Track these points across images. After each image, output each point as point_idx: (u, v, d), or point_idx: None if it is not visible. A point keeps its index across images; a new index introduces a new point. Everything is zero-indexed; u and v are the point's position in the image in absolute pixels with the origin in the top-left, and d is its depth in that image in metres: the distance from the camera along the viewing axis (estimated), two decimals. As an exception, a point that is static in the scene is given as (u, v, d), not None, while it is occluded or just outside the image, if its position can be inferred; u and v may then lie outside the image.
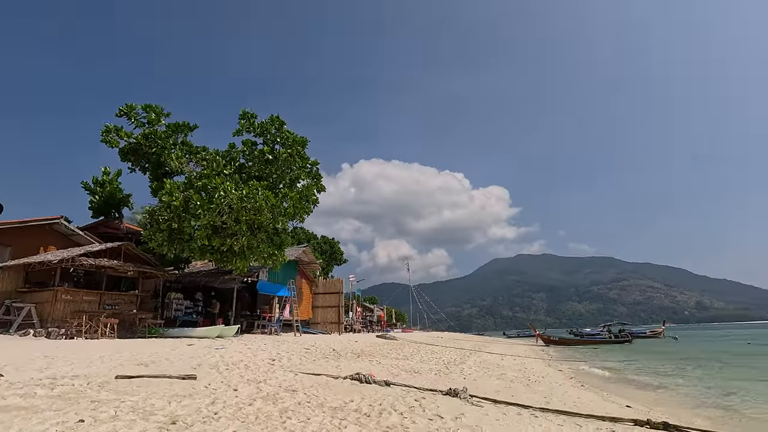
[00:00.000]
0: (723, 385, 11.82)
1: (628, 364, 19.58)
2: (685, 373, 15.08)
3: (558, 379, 12.24)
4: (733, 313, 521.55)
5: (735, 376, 13.94)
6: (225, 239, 14.26)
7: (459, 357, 16.50)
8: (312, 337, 19.34)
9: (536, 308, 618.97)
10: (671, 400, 9.74)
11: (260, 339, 15.33)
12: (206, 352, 9.88)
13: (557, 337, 41.96)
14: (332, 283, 25.41)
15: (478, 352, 21.61)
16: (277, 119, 16.29)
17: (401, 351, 15.87)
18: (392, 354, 14.28)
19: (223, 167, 14.78)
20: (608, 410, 7.60)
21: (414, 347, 18.75)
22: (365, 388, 7.04)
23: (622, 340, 40.14)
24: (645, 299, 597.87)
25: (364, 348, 15.51)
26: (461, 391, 7.11)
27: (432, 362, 13.10)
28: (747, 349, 26.57)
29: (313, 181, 17.70)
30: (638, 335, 48.80)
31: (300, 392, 6.17)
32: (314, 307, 25.07)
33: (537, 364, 17.69)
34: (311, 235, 40.23)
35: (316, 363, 9.85)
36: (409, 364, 11.76)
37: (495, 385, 9.44)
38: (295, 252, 21.85)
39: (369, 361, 11.48)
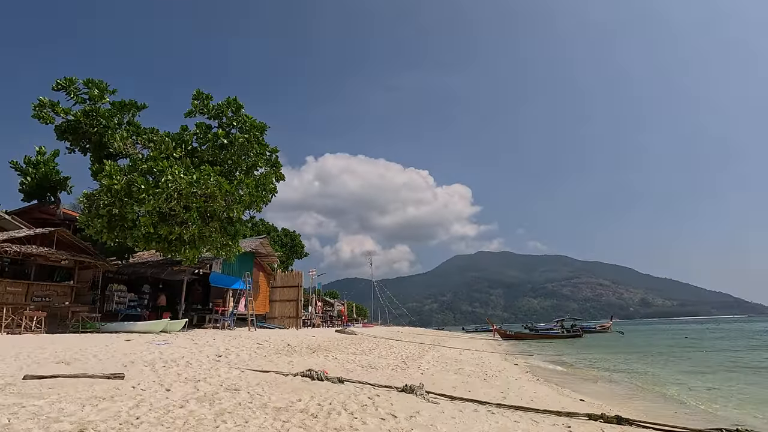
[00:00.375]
0: (668, 377, 12.30)
1: (580, 358, 20.23)
2: (633, 366, 15.69)
3: (514, 374, 12.30)
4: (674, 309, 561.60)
5: (677, 368, 14.62)
6: (173, 227, 13.28)
7: (417, 352, 16.34)
8: (267, 332, 18.58)
9: (494, 304, 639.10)
10: (621, 393, 9.96)
11: (210, 334, 14.48)
12: (145, 348, 9.06)
13: (513, 332, 43.17)
14: (291, 277, 24.62)
15: (437, 346, 21.63)
16: (234, 102, 15.35)
17: (359, 346, 15.50)
18: (350, 349, 13.88)
19: (172, 150, 13.73)
20: (563, 404, 7.57)
21: (373, 342, 18.44)
22: (316, 385, 6.60)
23: (573, 334, 41.85)
24: (595, 296, 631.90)
25: (321, 343, 15.02)
26: (417, 387, 6.82)
27: (390, 357, 12.81)
28: (686, 343, 28.31)
29: (271, 169, 16.90)
30: (588, 330, 51.13)
31: (243, 391, 5.64)
32: (271, 301, 24.20)
33: (494, 359, 17.87)
34: (271, 227, 39.01)
35: (267, 359, 9.27)
36: (366, 359, 11.40)
37: (453, 380, 9.25)
38: (252, 243, 20.91)
39: (324, 356, 11.02)
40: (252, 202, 15.33)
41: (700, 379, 12.00)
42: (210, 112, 14.95)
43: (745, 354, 20.07)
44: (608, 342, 34.71)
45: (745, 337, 33.53)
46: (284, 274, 24.85)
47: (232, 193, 13.79)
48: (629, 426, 5.96)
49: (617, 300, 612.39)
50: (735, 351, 21.72)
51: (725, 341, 29.81)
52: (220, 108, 15.13)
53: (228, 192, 13.66)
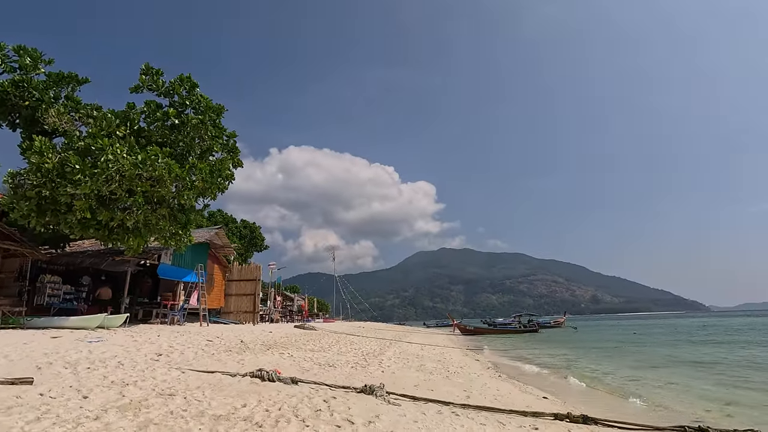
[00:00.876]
0: (625, 372, 12.54)
1: (539, 352, 20.58)
2: (590, 360, 16.02)
3: (476, 370, 12.13)
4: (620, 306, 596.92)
5: (632, 363, 15.04)
6: (114, 213, 12.05)
7: (378, 348, 15.93)
8: (221, 327, 17.55)
9: (454, 299, 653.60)
10: (581, 389, 9.96)
11: (156, 330, 13.37)
12: (73, 346, 8.03)
13: (473, 327, 43.85)
14: (248, 270, 23.51)
15: (399, 342, 21.34)
16: (188, 80, 14.17)
17: (318, 342, 14.88)
18: (308, 346, 13.23)
19: (115, 128, 12.44)
20: (528, 403, 7.36)
21: (333, 338, 17.85)
22: (267, 387, 5.97)
23: (530, 329, 43.06)
24: (549, 292, 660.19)
25: (278, 339, 14.27)
26: (378, 387, 6.34)
27: (350, 354, 12.29)
28: (635, 338, 29.65)
29: (229, 155, 15.84)
30: (544, 325, 52.89)
31: (179, 396, 4.93)
32: (227, 295, 23.02)
33: (455, 354, 17.78)
34: (230, 218, 37.31)
35: (215, 358, 8.49)
36: (324, 356, 10.82)
37: (414, 377, 8.87)
38: (206, 234, 19.69)
39: (280, 354, 10.34)
40: (206, 189, 14.25)
41: (653, 374, 12.31)
42: (160, 89, 13.69)
43: (688, 348, 21.13)
44: (563, 337, 35.91)
45: (685, 333, 35.64)
46: (241, 267, 23.69)
47: (184, 177, 12.71)
48: (596, 425, 5.77)
49: (570, 297, 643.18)
50: (679, 346, 22.87)
51: (669, 336, 31.49)
52: (172, 86, 13.91)
53: (178, 176, 12.57)
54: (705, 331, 36.25)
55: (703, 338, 27.71)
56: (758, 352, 18.54)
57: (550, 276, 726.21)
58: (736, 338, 27.30)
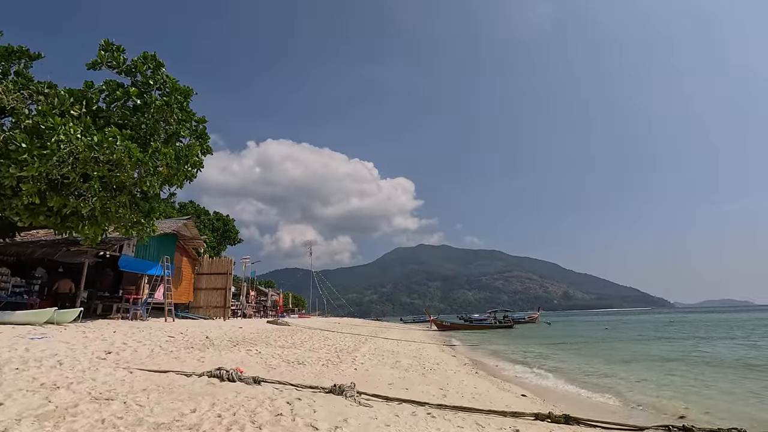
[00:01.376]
0: (600, 367, 12.48)
1: (514, 348, 20.55)
2: (566, 356, 16.00)
3: (453, 366, 11.81)
4: (591, 302, 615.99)
5: (606, 359, 15.07)
6: (67, 199, 11.10)
7: (353, 344, 15.45)
8: (188, 323, 16.68)
9: (432, 295, 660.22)
10: (559, 386, 9.75)
11: (114, 326, 12.48)
12: (9, 343, 7.22)
13: (449, 323, 43.92)
14: (219, 263, 22.56)
15: (374, 338, 20.93)
16: (152, 58, 13.19)
17: (290, 338, 14.28)
18: (279, 342, 12.62)
19: (69, 106, 11.43)
20: (506, 402, 7.02)
21: (307, 334, 17.26)
22: (225, 388, 5.40)
23: (505, 325, 43.45)
24: (524, 289, 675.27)
25: (248, 335, 13.59)
26: (348, 387, 5.86)
27: (323, 350, 11.76)
28: (606, 334, 30.19)
29: (197, 141, 14.96)
30: (518, 321, 53.58)
31: (118, 401, 4.31)
32: (197, 289, 22.03)
33: (432, 350, 17.49)
34: (202, 210, 35.98)
35: (173, 355, 7.82)
36: (295, 353, 10.25)
37: (389, 375, 8.42)
38: (174, 224, 18.69)
39: (247, 351, 9.72)
40: (172, 176, 13.39)
41: (627, 370, 12.28)
42: (120, 67, 12.68)
43: (657, 344, 21.54)
44: (538, 332, 36.30)
45: (653, 329, 36.60)
46: (212, 260, 22.72)
47: (146, 162, 11.81)
48: (578, 425, 5.46)
49: (543, 293, 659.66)
50: (648, 342, 23.30)
51: (638, 332, 32.22)
52: (134, 64, 12.92)
53: (140, 161, 11.68)
54: (671, 327, 37.37)
55: (671, 334, 28.44)
56: (722, 348, 19.00)
57: (525, 273, 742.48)
58: (702, 334, 28.13)
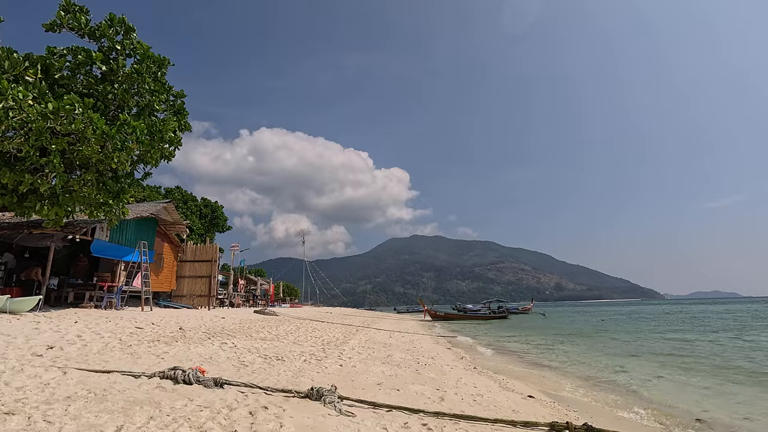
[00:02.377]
0: (606, 361, 11.66)
1: (512, 340, 19.78)
2: (568, 348, 15.21)
3: (449, 360, 10.92)
4: (583, 293, 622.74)
5: (611, 351, 14.30)
6: (22, 175, 9.97)
7: (343, 335, 14.54)
8: (166, 312, 15.67)
9: (425, 286, 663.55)
10: (568, 384, 8.87)
11: (81, 315, 11.44)
12: (-68, 336, 6.17)
13: (443, 313, 43.27)
14: (204, 250, 21.48)
15: (366, 328, 20.06)
16: (121, 21, 11.94)
17: (275, 329, 13.32)
18: (261, 333, 11.65)
19: (22, 70, 10.21)
20: (512, 404, 6.11)
21: (294, 324, 16.32)
22: (176, 393, 4.42)
23: (500, 315, 42.90)
24: (516, 280, 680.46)
25: (228, 326, 12.61)
26: (328, 392, 4.89)
27: (308, 343, 10.81)
28: (605, 326, 29.58)
29: (175, 117, 13.78)
30: (512, 311, 53.17)
31: (22, 415, 3.30)
32: (180, 277, 20.97)
33: (426, 342, 16.64)
34: (189, 196, 34.69)
35: (128, 351, 6.81)
36: (276, 346, 9.29)
37: (378, 373, 7.49)
38: (153, 208, 17.52)
39: (222, 344, 8.73)
40: (145, 153, 12.25)
41: (637, 365, 11.49)
42: (83, 29, 11.40)
43: (659, 336, 20.88)
44: (533, 323, 35.72)
45: (651, 320, 36.14)
46: (196, 246, 21.62)
47: (112, 136, 10.67)
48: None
49: (536, 284, 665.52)
50: (649, 333, 22.66)
51: (636, 324, 31.70)
52: (99, 27, 11.66)
53: (106, 134, 10.53)
54: (669, 318, 36.94)
55: (671, 326, 27.84)
56: (725, 340, 18.37)
57: (518, 264, 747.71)
58: (703, 325, 27.62)
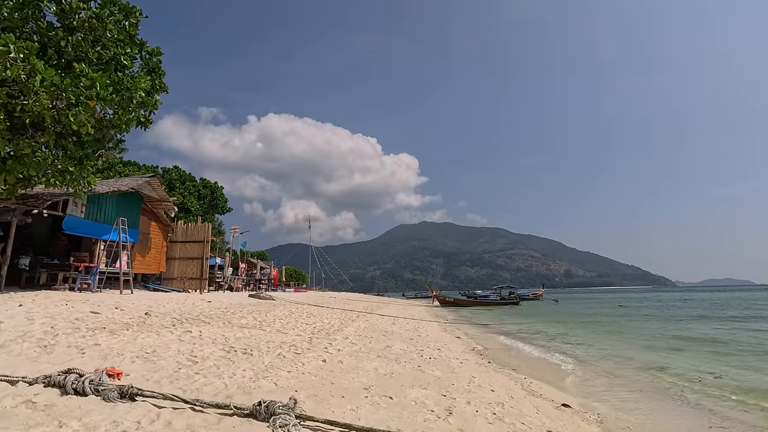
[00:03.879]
0: (645, 357, 9.99)
1: (527, 328, 18.19)
2: (594, 340, 13.55)
3: (458, 353, 9.36)
4: (593, 280, 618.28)
5: (643, 343, 12.64)
6: (-45, 134, 8.48)
7: (341, 321, 13.07)
8: (148, 296, 14.34)
9: (434, 272, 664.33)
10: (606, 385, 7.24)
11: (41, 298, 10.09)
12: None
13: (452, 299, 41.83)
14: (196, 230, 20.08)
15: (369, 314, 18.62)
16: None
17: (263, 315, 11.87)
18: (244, 320, 10.20)
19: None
20: (543, 417, 4.50)
21: (288, 310, 14.90)
22: (52, 410, 2.90)
23: (511, 301, 41.33)
24: (526, 266, 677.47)
25: (209, 311, 11.19)
26: (283, 407, 3.33)
27: (295, 331, 9.33)
28: (624, 313, 27.79)
29: (148, 76, 12.16)
30: (523, 297, 51.57)
31: None
32: (170, 259, 19.64)
33: (432, 329, 15.14)
34: (187, 176, 33.29)
35: (46, 342, 5.33)
36: (251, 336, 7.80)
37: (371, 370, 5.95)
38: (134, 182, 16.04)
39: (185, 332, 7.27)
40: (115, 115, 10.70)
41: (680, 360, 9.82)
42: (30, -35, 9.76)
43: (687, 325, 19.13)
44: (546, 309, 34.10)
45: (672, 307, 34.27)
46: (187, 226, 20.21)
47: (65, 88, 9.09)
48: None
49: (545, 271, 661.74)
50: (676, 322, 20.90)
51: (658, 311, 29.88)
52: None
53: (57, 87, 8.96)
54: (689, 305, 34.99)
55: (695, 313, 25.99)
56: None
57: (527, 251, 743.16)
58: (733, 313, 25.74)
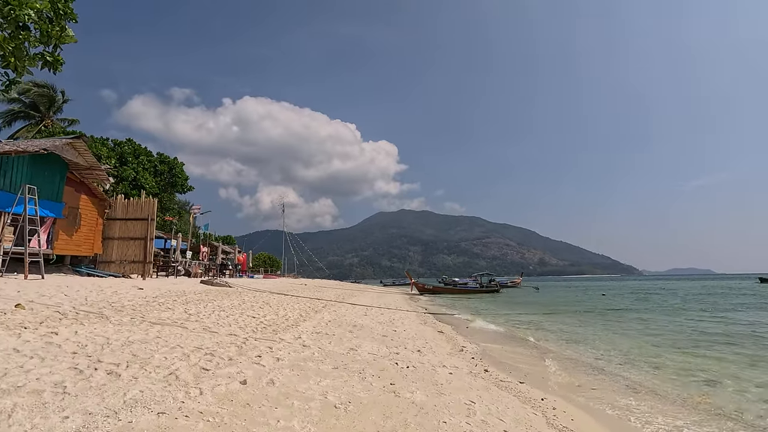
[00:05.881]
0: (683, 361, 8.15)
1: (516, 319, 16.40)
2: (600, 335, 11.75)
3: (443, 355, 7.30)
4: (566, 269, 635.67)
5: (650, 339, 10.93)
6: None
7: (300, 314, 10.85)
8: (64, 281, 11.71)
9: (411, 260, 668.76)
10: (644, 407, 5.28)
11: None
12: None
13: (431, 286, 40.20)
14: (138, 205, 17.28)
15: (339, 303, 16.47)
16: None
17: (203, 306, 9.52)
18: (167, 313, 7.85)
19: None
20: None
21: (239, 299, 12.56)
22: None
23: (492, 289, 40.02)
24: (501, 255, 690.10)
25: (130, 301, 8.75)
26: None
27: (230, 328, 7.05)
28: (612, 302, 26.56)
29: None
30: (503, 285, 50.51)
31: None
32: (107, 239, 16.87)
33: (411, 321, 13.11)
34: (142, 150, 29.80)
35: None
36: (160, 337, 5.50)
37: (315, 400, 3.77)
38: (52, 143, 13.16)
39: (49, 333, 4.90)
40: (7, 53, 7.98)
41: (702, 359, 8.07)
42: None
43: (686, 317, 17.80)
44: (529, 298, 32.78)
45: (656, 296, 33.60)
46: (128, 201, 17.40)
47: None
48: None
49: (520, 259, 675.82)
50: (672, 313, 19.62)
51: (644, 302, 28.93)
52: None
53: None
54: (673, 295, 34.30)
55: (685, 304, 24.92)
56: None
57: (503, 239, 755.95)
58: (720, 303, 24.84)
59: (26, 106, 35.03)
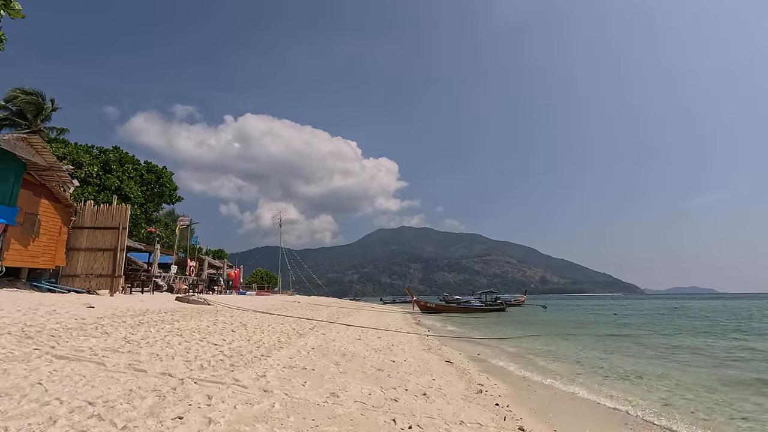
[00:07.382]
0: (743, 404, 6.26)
1: (532, 345, 14.44)
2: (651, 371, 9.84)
3: (457, 402, 5.45)
4: (567, 287, 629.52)
5: (711, 376, 9.05)
6: None
7: (280, 338, 8.99)
8: (8, 298, 9.87)
9: (412, 277, 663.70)
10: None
11: None
12: None
13: (434, 304, 38.10)
14: (109, 213, 15.56)
15: (332, 324, 14.56)
16: None
17: (160, 328, 7.67)
18: (91, 341, 6.03)
19: None
20: None
21: (211, 320, 10.70)
22: None
23: (497, 308, 37.92)
24: (502, 272, 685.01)
25: (64, 323, 6.93)
26: None
27: (170, 362, 5.21)
28: (626, 323, 24.53)
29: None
30: (507, 303, 48.34)
31: None
32: (72, 250, 15.07)
33: (412, 347, 11.21)
34: (129, 158, 28.18)
35: None
36: (59, 377, 3.66)
37: None
38: (1, 137, 11.52)
39: None
40: None
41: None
42: None
43: (715, 342, 15.85)
44: (537, 318, 30.68)
45: (672, 317, 31.54)
46: (97, 209, 15.68)
47: None
48: None
49: (521, 277, 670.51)
50: (701, 337, 17.65)
51: (664, 324, 26.88)
52: None
53: None
54: (690, 316, 32.20)
55: (709, 327, 22.81)
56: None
57: (504, 257, 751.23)
58: (743, 325, 22.83)
59: (13, 114, 33.73)
